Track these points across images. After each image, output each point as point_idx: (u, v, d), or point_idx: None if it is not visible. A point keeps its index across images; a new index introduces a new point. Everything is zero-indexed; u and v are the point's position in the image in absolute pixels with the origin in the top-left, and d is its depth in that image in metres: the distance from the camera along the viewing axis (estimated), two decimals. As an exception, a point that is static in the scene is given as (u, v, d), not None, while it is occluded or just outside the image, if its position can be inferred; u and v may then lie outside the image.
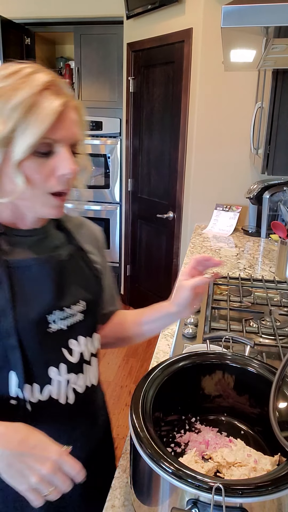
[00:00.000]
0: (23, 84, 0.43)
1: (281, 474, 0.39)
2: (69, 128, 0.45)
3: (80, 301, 0.52)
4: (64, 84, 0.47)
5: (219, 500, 0.35)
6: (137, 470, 0.45)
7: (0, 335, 0.45)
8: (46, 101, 0.43)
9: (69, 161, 0.45)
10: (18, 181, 0.44)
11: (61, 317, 0.50)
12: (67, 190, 0.47)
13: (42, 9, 2.28)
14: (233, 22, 0.58)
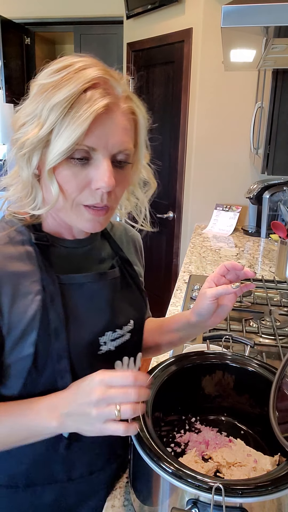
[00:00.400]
0: (67, 80, 0.38)
1: (281, 474, 0.39)
2: (112, 135, 0.40)
3: (130, 321, 0.50)
4: (118, 82, 0.41)
5: (219, 500, 0.35)
6: (137, 470, 0.45)
7: (51, 358, 0.42)
8: (88, 102, 0.38)
9: (106, 173, 0.40)
10: (52, 189, 0.40)
11: (111, 338, 0.47)
12: (104, 205, 0.42)
13: (42, 9, 2.28)
14: (233, 22, 0.58)
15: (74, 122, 0.38)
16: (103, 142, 0.40)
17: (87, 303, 0.45)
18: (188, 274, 1.25)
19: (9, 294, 0.41)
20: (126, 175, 0.44)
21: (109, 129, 0.40)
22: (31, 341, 0.41)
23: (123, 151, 0.41)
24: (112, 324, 0.47)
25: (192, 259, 1.41)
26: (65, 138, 0.38)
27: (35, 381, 0.42)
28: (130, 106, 0.42)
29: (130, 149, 0.43)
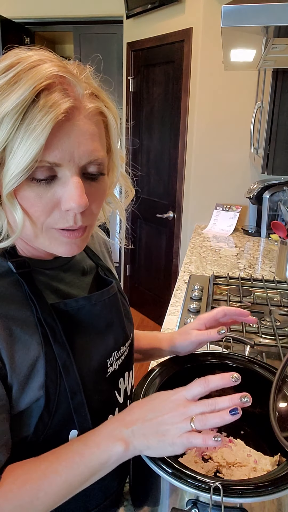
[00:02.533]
0: (17, 83, 0.31)
1: (281, 474, 0.39)
2: (77, 145, 0.33)
3: (130, 334, 0.47)
4: (77, 79, 0.33)
5: (218, 500, 0.35)
6: (137, 471, 0.44)
7: (65, 395, 0.37)
8: (43, 109, 0.30)
9: (76, 192, 0.33)
10: (16, 215, 0.33)
11: (116, 358, 0.44)
12: (78, 226, 0.35)
13: (42, 9, 2.28)
14: (233, 21, 0.58)
15: (28, 136, 0.30)
16: (68, 155, 0.32)
17: (89, 328, 0.41)
18: (188, 274, 1.25)
19: (4, 337, 0.34)
20: (101, 188, 0.37)
21: (74, 139, 0.32)
22: (40, 384, 0.36)
23: (93, 161, 0.34)
24: (117, 344, 0.44)
25: (192, 259, 1.41)
26: (21, 157, 0.31)
27: (46, 425, 0.37)
28: (96, 106, 0.34)
29: (102, 157, 0.35)
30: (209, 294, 1.03)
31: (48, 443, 0.37)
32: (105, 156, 0.36)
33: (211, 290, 1.05)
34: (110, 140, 0.38)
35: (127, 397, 0.48)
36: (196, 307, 0.97)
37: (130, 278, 2.52)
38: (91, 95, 0.35)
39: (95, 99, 0.36)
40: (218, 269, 1.30)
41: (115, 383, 0.45)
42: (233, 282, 1.12)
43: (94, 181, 0.36)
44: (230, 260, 1.42)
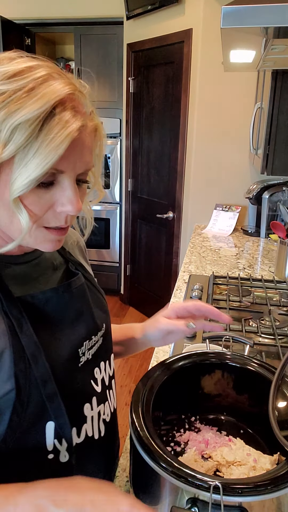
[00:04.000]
0: (32, 93, 0.33)
1: (281, 473, 0.39)
2: (79, 157, 0.37)
3: (103, 324, 0.48)
4: (84, 97, 0.37)
5: (218, 499, 0.35)
6: (137, 469, 0.45)
7: (36, 384, 0.38)
8: (60, 124, 0.33)
9: (74, 197, 0.37)
10: (22, 218, 0.36)
11: (88, 347, 0.45)
12: (67, 225, 0.40)
13: (42, 10, 2.28)
14: (232, 22, 0.58)
15: (46, 146, 0.33)
16: (72, 164, 0.36)
17: (58, 318, 0.42)
18: (188, 274, 1.25)
19: None
20: (84, 191, 0.42)
21: (78, 151, 0.37)
22: (8, 375, 0.37)
23: (87, 171, 0.39)
24: (88, 333, 0.46)
25: (192, 259, 1.42)
26: (37, 164, 0.33)
27: (21, 417, 0.37)
28: (95, 124, 0.39)
29: (92, 167, 0.40)
30: (209, 294, 1.03)
31: (24, 439, 0.37)
32: (93, 166, 0.41)
33: (211, 290, 1.06)
34: (96, 152, 0.42)
35: (105, 387, 0.49)
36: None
37: (130, 278, 2.52)
38: (91, 113, 0.39)
39: (94, 116, 0.40)
40: (217, 269, 1.31)
41: (90, 372, 0.46)
42: (233, 282, 1.13)
43: (81, 186, 0.40)
44: (229, 260, 1.42)
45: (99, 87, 2.40)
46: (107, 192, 2.53)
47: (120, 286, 2.62)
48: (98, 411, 0.47)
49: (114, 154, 2.44)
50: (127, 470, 0.52)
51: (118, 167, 2.45)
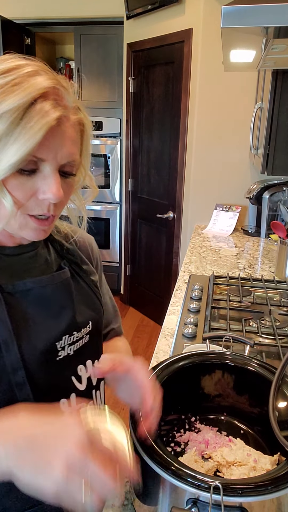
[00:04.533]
0: (16, 86, 0.36)
1: (281, 474, 0.39)
2: (61, 147, 0.39)
3: (88, 322, 0.48)
4: (68, 92, 0.40)
5: (218, 500, 0.35)
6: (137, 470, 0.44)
7: (5, 371, 0.39)
8: (39, 113, 0.36)
9: (55, 185, 0.39)
10: (6, 202, 0.38)
11: (69, 342, 0.45)
12: (50, 214, 0.41)
13: (42, 10, 2.28)
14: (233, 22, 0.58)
15: (25, 133, 0.36)
16: (53, 153, 0.39)
17: (38, 309, 0.43)
18: (188, 274, 1.25)
19: None
20: (71, 185, 0.43)
21: (59, 141, 0.39)
22: None
23: (70, 162, 0.41)
24: (69, 327, 0.45)
25: (192, 259, 1.42)
26: (16, 150, 0.36)
27: None
28: (79, 117, 0.41)
29: (77, 160, 0.42)
30: (209, 294, 1.03)
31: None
32: (79, 159, 0.43)
33: (211, 290, 1.05)
34: (83, 147, 0.44)
35: (92, 387, 0.49)
36: (196, 306, 0.97)
37: (130, 278, 2.52)
38: (76, 108, 0.42)
39: (79, 111, 0.42)
40: (218, 269, 1.31)
41: (71, 368, 0.46)
42: (233, 282, 1.12)
43: (67, 178, 0.42)
44: (230, 260, 1.42)
45: (99, 87, 2.40)
46: (107, 192, 2.53)
47: (120, 286, 2.62)
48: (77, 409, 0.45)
49: (114, 154, 2.44)
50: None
51: (118, 167, 2.45)
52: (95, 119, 2.41)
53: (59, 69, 2.82)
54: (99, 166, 2.46)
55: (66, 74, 2.68)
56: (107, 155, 2.45)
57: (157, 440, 0.41)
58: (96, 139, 2.43)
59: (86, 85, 2.42)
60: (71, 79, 2.61)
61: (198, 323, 0.89)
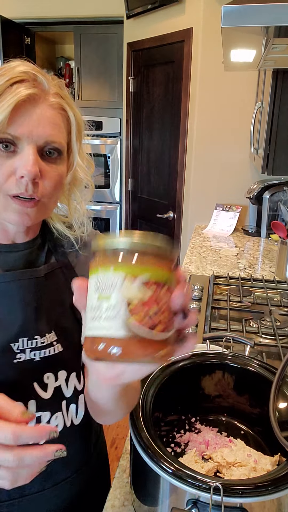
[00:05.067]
0: (3, 76, 0.40)
1: (281, 474, 0.39)
2: (36, 125, 0.39)
3: (52, 331, 0.45)
4: (46, 79, 0.41)
5: (218, 500, 0.35)
6: (137, 470, 0.45)
7: None
8: (13, 93, 0.38)
9: (29, 161, 0.39)
10: None
11: (31, 347, 0.43)
12: (29, 194, 0.40)
13: (42, 9, 2.28)
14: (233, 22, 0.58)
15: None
16: (27, 131, 0.39)
17: None
18: (188, 274, 1.25)
19: None
20: (57, 171, 0.42)
21: (34, 119, 0.40)
22: None
23: (50, 144, 0.41)
24: (27, 330, 0.43)
25: (192, 259, 1.41)
26: None
27: None
28: (59, 101, 0.42)
29: (59, 143, 0.42)
30: (209, 294, 1.03)
31: None
32: (62, 144, 0.43)
33: (211, 290, 1.05)
34: (71, 135, 0.44)
35: (62, 398, 0.46)
36: (196, 307, 0.97)
37: (130, 278, 2.52)
38: (56, 93, 0.42)
39: (60, 97, 0.43)
40: (218, 269, 1.30)
41: (34, 375, 0.44)
42: (233, 282, 1.12)
43: (51, 162, 0.42)
44: (230, 260, 1.42)
45: (99, 87, 2.40)
46: (107, 192, 2.53)
47: (120, 286, 2.62)
48: (37, 417, 0.44)
49: (114, 154, 2.44)
50: (127, 471, 0.52)
51: (118, 167, 2.45)
52: (95, 118, 2.41)
53: (59, 68, 2.82)
54: (99, 166, 2.46)
55: (66, 74, 2.68)
56: (107, 155, 2.45)
57: (157, 441, 0.41)
58: (96, 139, 2.42)
59: (86, 85, 2.42)
60: (71, 78, 2.61)
61: (198, 323, 0.89)
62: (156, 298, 0.26)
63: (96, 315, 0.26)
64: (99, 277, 0.27)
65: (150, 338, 0.26)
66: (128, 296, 0.26)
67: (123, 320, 0.25)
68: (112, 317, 0.26)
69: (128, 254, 0.26)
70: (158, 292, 0.26)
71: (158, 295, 0.26)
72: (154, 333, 0.26)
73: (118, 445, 0.62)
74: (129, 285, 0.26)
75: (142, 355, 0.26)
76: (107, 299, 0.26)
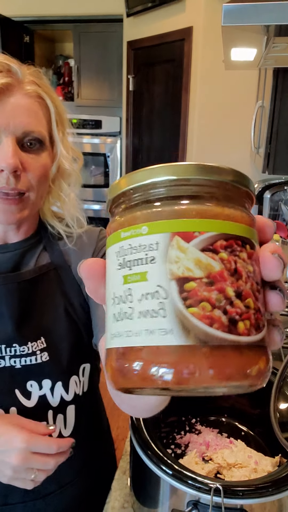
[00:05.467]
0: None
1: (282, 475, 0.38)
2: (13, 115, 0.38)
3: (41, 338, 0.43)
4: (20, 69, 0.40)
5: (219, 502, 0.35)
6: (137, 472, 0.44)
7: None
8: None
9: (8, 153, 0.37)
10: None
11: (11, 354, 0.42)
12: (12, 188, 0.39)
13: (42, 7, 2.27)
14: (233, 20, 0.57)
15: None
16: (4, 122, 0.38)
17: None
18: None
19: None
20: (40, 162, 0.41)
21: (10, 109, 0.38)
22: None
23: (29, 134, 0.39)
24: (4, 337, 0.41)
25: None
26: None
27: None
28: (35, 89, 0.40)
29: (39, 133, 0.40)
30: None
31: None
32: (42, 133, 0.41)
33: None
34: (51, 125, 0.43)
35: (47, 407, 0.44)
36: None
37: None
38: (32, 82, 0.41)
39: (36, 85, 0.41)
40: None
41: (15, 382, 0.43)
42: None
43: (32, 153, 0.41)
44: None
45: (99, 85, 2.39)
46: (106, 191, 2.52)
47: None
48: None
49: (114, 153, 2.43)
50: (127, 472, 0.51)
51: (118, 166, 2.44)
52: (94, 117, 2.40)
53: (58, 67, 2.81)
54: (98, 165, 2.46)
55: (65, 72, 2.67)
56: (106, 154, 2.44)
57: (157, 442, 0.41)
58: (96, 138, 2.42)
59: (86, 83, 2.41)
60: (70, 77, 2.60)
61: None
62: (231, 271, 0.15)
63: (123, 310, 0.15)
64: (124, 247, 0.16)
65: (229, 345, 0.14)
66: (180, 271, 0.14)
67: (174, 317, 0.14)
68: (153, 311, 0.14)
69: (172, 198, 0.15)
70: (234, 260, 0.15)
71: (234, 266, 0.15)
72: (234, 336, 0.14)
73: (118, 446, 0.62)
74: (179, 253, 0.14)
75: (216, 379, 0.14)
76: (141, 280, 0.15)
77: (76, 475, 0.50)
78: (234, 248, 0.15)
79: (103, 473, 0.56)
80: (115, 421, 1.33)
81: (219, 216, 0.15)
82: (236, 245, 0.15)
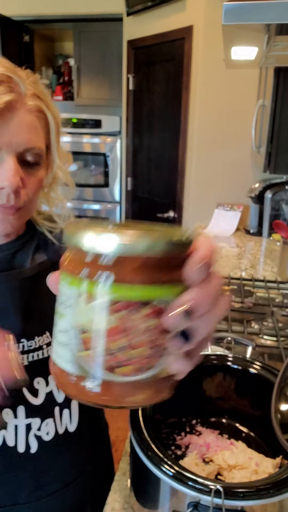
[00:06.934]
0: None
1: (283, 477, 0.38)
2: (15, 133, 0.38)
3: (47, 332, 0.44)
4: (22, 80, 0.39)
5: (220, 503, 0.35)
6: (137, 473, 0.44)
7: None
8: None
9: (10, 172, 0.38)
10: None
11: (19, 351, 0.42)
12: (11, 205, 0.40)
13: (41, 6, 2.27)
14: (234, 19, 0.57)
15: None
16: (6, 140, 0.38)
17: None
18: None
19: None
20: (38, 177, 0.42)
21: (13, 127, 0.38)
22: None
23: (30, 150, 0.40)
24: (14, 333, 0.42)
25: (193, 258, 1.41)
26: None
27: None
28: (36, 104, 0.40)
29: (39, 148, 0.41)
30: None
31: None
32: (42, 148, 0.42)
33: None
34: (50, 136, 0.43)
35: (54, 404, 0.45)
36: None
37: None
38: (33, 95, 0.41)
39: (37, 99, 0.41)
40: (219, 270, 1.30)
41: None
42: (235, 283, 1.12)
43: (31, 168, 0.41)
44: (231, 260, 1.41)
45: (99, 84, 2.39)
46: (106, 191, 2.52)
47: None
48: (26, 423, 0.43)
49: (114, 152, 2.43)
50: (127, 473, 0.51)
51: (118, 166, 2.44)
52: (94, 117, 2.40)
53: (58, 66, 2.81)
54: (98, 165, 2.45)
55: (65, 72, 2.67)
56: (106, 154, 2.44)
57: (157, 443, 0.41)
58: (96, 137, 2.42)
59: (85, 83, 2.41)
60: (70, 76, 2.60)
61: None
62: (124, 328, 0.18)
63: (55, 332, 0.21)
64: (60, 284, 0.20)
65: (110, 381, 0.19)
66: (81, 322, 0.18)
67: (72, 353, 0.19)
68: (64, 343, 0.20)
69: (92, 257, 0.18)
70: (129, 318, 0.18)
71: (129, 323, 0.18)
72: (116, 375, 0.18)
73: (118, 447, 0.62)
74: (84, 307, 0.18)
75: (97, 401, 0.19)
76: (61, 317, 0.20)
77: (79, 474, 0.50)
78: (133, 308, 0.19)
79: (105, 472, 0.56)
80: (114, 421, 1.33)
81: (123, 279, 0.18)
82: (136, 306, 0.19)
